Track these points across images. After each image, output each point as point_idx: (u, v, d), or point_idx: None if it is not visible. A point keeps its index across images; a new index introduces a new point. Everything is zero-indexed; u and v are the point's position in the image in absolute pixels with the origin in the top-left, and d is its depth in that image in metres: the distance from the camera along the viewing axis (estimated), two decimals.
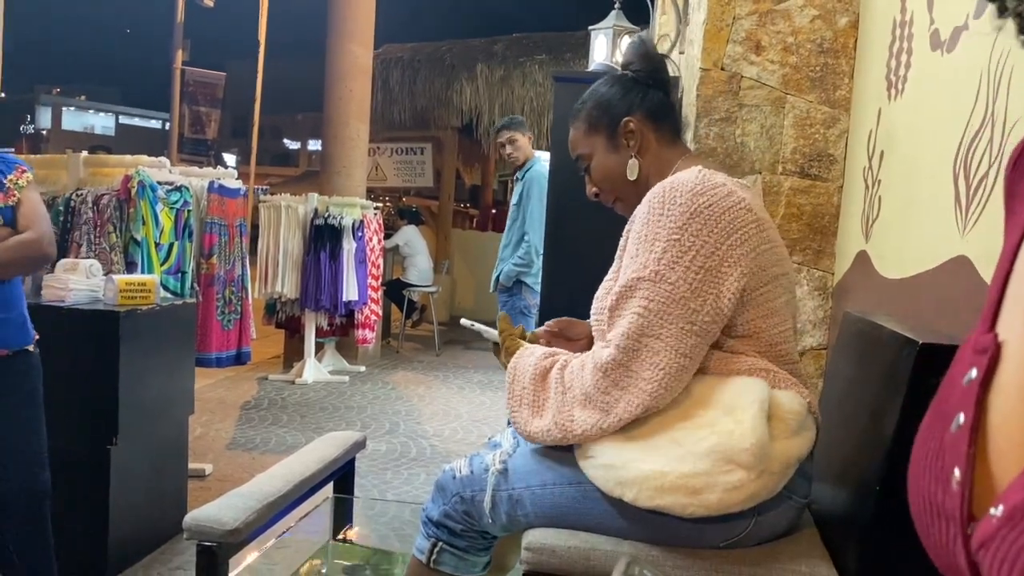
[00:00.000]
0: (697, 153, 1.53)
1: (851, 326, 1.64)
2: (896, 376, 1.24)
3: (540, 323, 3.00)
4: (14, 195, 2.07)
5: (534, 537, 1.36)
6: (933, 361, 1.18)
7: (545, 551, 1.34)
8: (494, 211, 12.65)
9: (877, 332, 1.43)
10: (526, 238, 4.60)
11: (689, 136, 2.39)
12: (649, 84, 1.53)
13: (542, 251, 3.07)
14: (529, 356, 1.46)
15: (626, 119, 1.50)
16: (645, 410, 1.28)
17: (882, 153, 1.96)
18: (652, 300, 1.28)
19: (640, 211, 1.36)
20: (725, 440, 1.22)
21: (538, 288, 4.51)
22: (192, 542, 1.39)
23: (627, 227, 1.41)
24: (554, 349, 1.49)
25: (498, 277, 4.73)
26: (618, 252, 1.42)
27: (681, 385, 1.29)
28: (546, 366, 1.41)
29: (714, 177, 1.35)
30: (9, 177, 2.09)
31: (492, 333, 1.59)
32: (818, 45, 2.27)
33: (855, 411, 1.46)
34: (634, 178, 1.49)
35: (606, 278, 1.44)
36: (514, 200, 4.78)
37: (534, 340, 1.61)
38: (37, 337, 2.17)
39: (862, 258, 2.03)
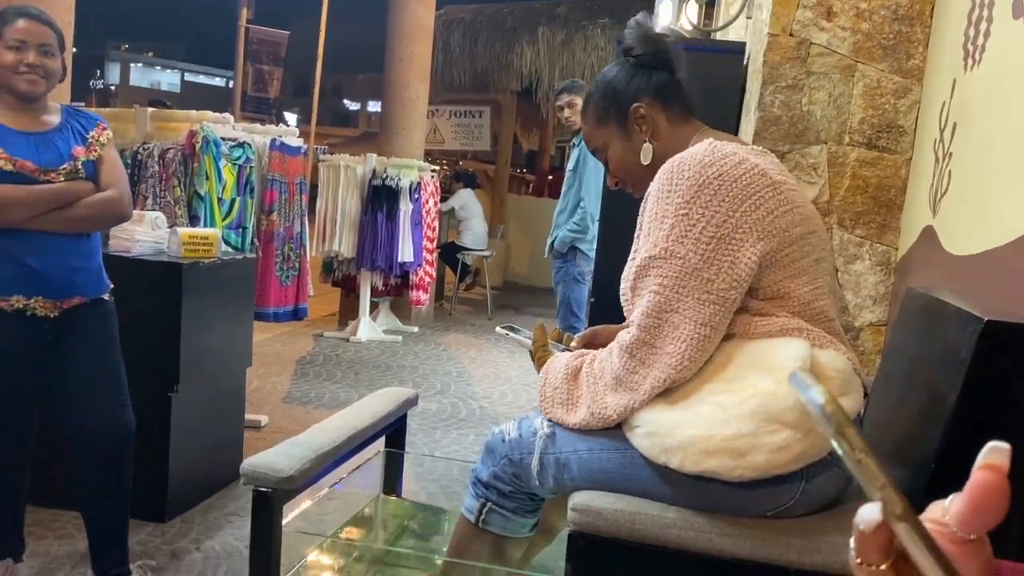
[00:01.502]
0: (712, 127, 1.51)
1: (914, 302, 1.60)
2: (959, 353, 1.21)
3: (594, 290, 3.00)
4: (96, 151, 2.14)
5: (580, 499, 1.37)
6: (997, 339, 1.15)
7: (591, 512, 1.35)
8: (551, 177, 12.58)
9: (941, 308, 1.40)
10: (582, 204, 4.57)
11: (753, 104, 2.34)
12: (653, 66, 1.51)
13: (598, 217, 3.05)
14: (559, 360, 1.49)
15: (635, 105, 1.49)
16: (672, 382, 1.30)
17: (955, 125, 1.89)
18: (666, 277, 1.29)
19: (652, 188, 1.37)
20: (768, 400, 1.22)
21: (593, 255, 4.49)
22: (248, 489, 1.43)
23: (642, 206, 1.41)
24: (583, 350, 1.52)
25: (553, 243, 4.72)
26: (636, 232, 1.41)
27: (706, 354, 1.30)
28: (577, 365, 1.45)
29: (724, 147, 1.34)
30: (92, 133, 2.16)
31: (526, 343, 1.63)
32: (892, 12, 2.19)
33: (914, 387, 1.43)
34: (648, 162, 1.48)
35: (629, 258, 1.43)
36: (570, 166, 4.75)
37: (579, 343, 1.62)
38: (112, 286, 2.25)
39: (928, 233, 1.97)
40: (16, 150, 2.00)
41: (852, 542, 0.38)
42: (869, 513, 0.36)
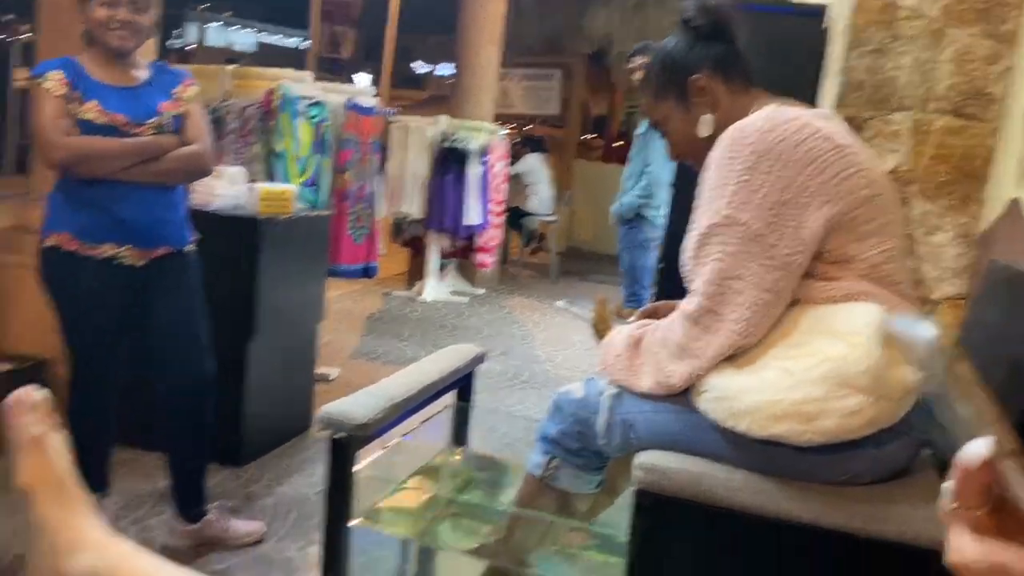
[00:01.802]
0: (780, 93, 1.48)
1: (997, 275, 1.56)
2: None
3: (665, 255, 2.97)
4: (182, 106, 2.21)
5: (646, 458, 1.39)
6: None
7: (657, 472, 1.36)
8: (619, 143, 12.44)
9: None
10: (648, 170, 4.53)
11: (835, 68, 2.28)
12: (711, 37, 1.50)
13: (670, 182, 3.02)
14: (620, 332, 1.51)
15: (694, 77, 1.48)
16: (737, 349, 1.31)
17: None
18: (728, 244, 1.29)
19: (712, 157, 1.36)
20: (840, 365, 1.21)
21: (659, 221, 4.46)
22: (317, 440, 1.50)
23: (701, 176, 1.40)
24: (645, 321, 1.53)
25: (618, 209, 4.70)
26: (696, 202, 1.41)
27: (770, 320, 1.30)
28: (638, 335, 1.46)
29: (785, 112, 1.33)
30: (178, 89, 2.23)
31: (587, 316, 1.64)
32: None
33: (995, 361, 1.41)
34: (709, 134, 1.47)
35: (689, 230, 1.43)
36: (640, 130, 4.71)
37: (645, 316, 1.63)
38: (196, 237, 2.34)
39: (1014, 206, 1.91)
40: (109, 104, 2.08)
41: (948, 485, 0.36)
42: (977, 448, 0.35)
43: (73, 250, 2.11)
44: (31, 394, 0.78)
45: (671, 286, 2.49)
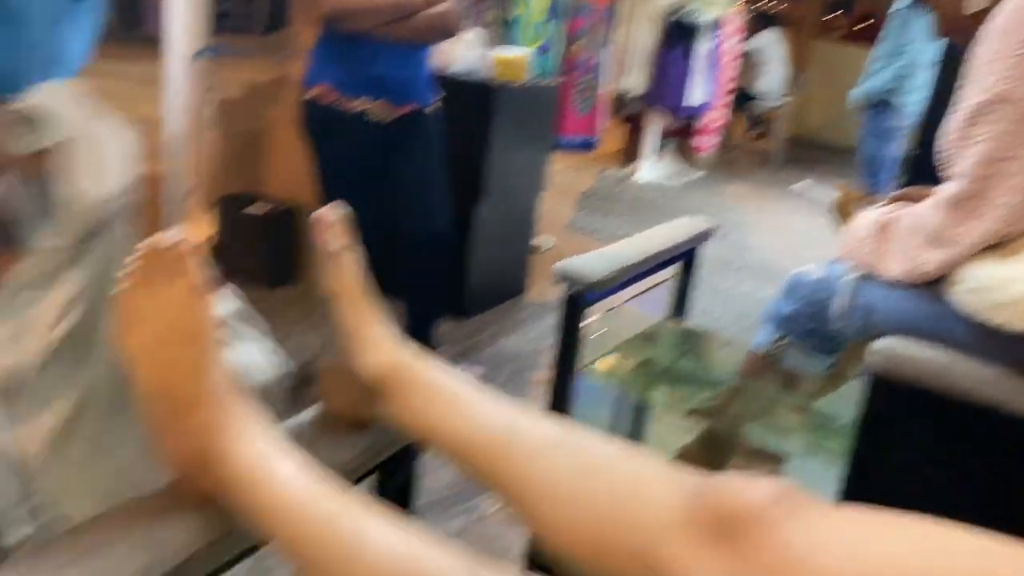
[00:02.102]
0: None
1: None
2: None
3: (922, 141, 2.76)
4: None
5: (887, 343, 1.34)
6: None
7: (896, 359, 1.32)
8: (865, 23, 11.37)
9: None
10: (906, 49, 4.12)
11: None
12: None
13: (935, 61, 2.74)
14: (866, 217, 1.41)
15: None
16: (1001, 237, 1.20)
17: None
18: (999, 122, 1.17)
19: (987, 29, 1.21)
20: None
21: (908, 109, 4.10)
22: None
23: (967, 53, 1.25)
24: (894, 205, 1.42)
25: (866, 91, 4.35)
26: (960, 82, 1.27)
27: None
28: (885, 221, 1.36)
29: None
30: None
31: (827, 200, 1.55)
32: None
33: None
34: (983, 7, 1.29)
35: (951, 111, 1.30)
36: (898, 6, 4.27)
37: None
38: (439, 97, 2.44)
39: None
40: None
41: None
42: None
43: (331, 102, 2.27)
44: (331, 214, 0.87)
45: (920, 177, 2.31)
